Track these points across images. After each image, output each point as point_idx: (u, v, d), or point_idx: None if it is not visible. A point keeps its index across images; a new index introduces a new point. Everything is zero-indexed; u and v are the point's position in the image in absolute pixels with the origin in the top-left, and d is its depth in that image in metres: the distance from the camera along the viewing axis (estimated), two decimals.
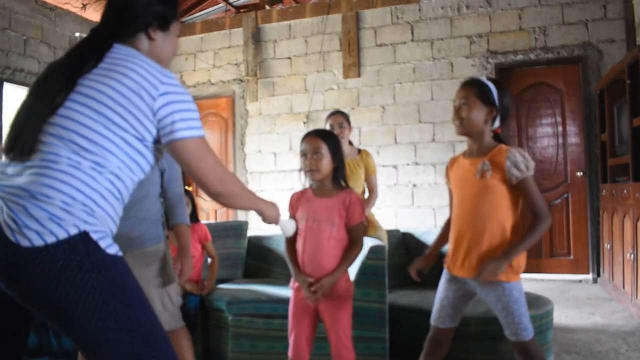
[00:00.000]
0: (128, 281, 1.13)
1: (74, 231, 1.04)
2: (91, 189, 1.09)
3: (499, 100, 1.79)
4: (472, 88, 1.80)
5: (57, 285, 1.02)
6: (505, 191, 1.74)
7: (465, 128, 1.81)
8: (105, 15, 1.29)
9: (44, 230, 1.02)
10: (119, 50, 1.20)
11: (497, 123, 1.82)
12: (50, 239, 1.02)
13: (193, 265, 2.80)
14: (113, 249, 1.10)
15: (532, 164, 1.71)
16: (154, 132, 1.18)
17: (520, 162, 1.69)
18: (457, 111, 1.81)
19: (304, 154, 1.91)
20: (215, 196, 1.28)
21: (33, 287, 1.02)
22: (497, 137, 1.85)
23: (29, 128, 1.11)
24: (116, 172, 1.14)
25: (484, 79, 1.84)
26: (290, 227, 1.85)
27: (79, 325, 1.05)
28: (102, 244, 1.08)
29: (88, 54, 1.18)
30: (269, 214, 1.56)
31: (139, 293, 1.14)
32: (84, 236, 1.06)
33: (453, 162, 1.95)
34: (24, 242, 1.00)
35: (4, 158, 1.15)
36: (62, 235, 1.03)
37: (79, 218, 1.06)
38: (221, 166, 1.28)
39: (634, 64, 3.50)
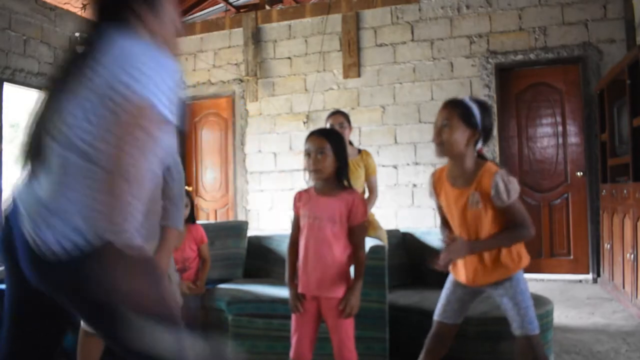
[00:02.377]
0: (155, 279, 1.14)
1: (96, 241, 1.04)
2: (106, 194, 1.07)
3: (481, 122, 1.77)
4: (455, 109, 1.78)
5: (89, 293, 1.03)
6: (498, 210, 1.74)
7: (446, 151, 1.79)
8: (95, 6, 1.25)
9: (65, 241, 1.02)
10: (110, 40, 1.13)
11: (479, 144, 1.81)
12: (73, 251, 1.02)
13: (189, 265, 2.81)
14: (137, 251, 1.09)
15: (514, 189, 1.69)
16: (157, 121, 1.11)
17: (502, 192, 1.68)
18: (439, 133, 1.79)
19: (307, 154, 1.91)
20: None
21: (68, 297, 1.06)
22: (481, 156, 1.83)
23: (37, 134, 1.12)
24: (125, 172, 1.10)
25: (467, 99, 1.81)
26: None
27: (114, 326, 1.06)
28: (126, 248, 1.07)
29: (84, 53, 1.17)
30: None
31: (165, 290, 1.16)
32: (107, 245, 1.04)
33: (438, 179, 1.92)
34: (49, 255, 1.02)
35: (23, 166, 1.17)
36: (84, 245, 1.03)
37: (99, 226, 1.05)
38: None
39: (634, 64, 3.50)
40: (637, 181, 3.43)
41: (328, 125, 3.20)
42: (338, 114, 3.24)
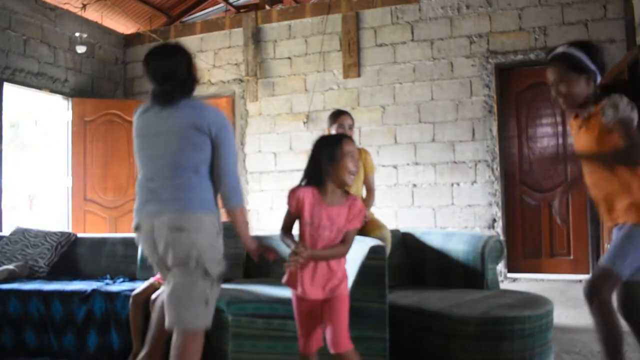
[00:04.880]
0: None
1: None
2: None
3: (592, 62, 1.92)
4: (562, 64, 1.94)
5: None
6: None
7: (571, 104, 1.94)
8: None
9: None
10: None
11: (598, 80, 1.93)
12: None
13: None
14: None
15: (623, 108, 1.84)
16: None
17: (607, 109, 1.84)
18: (556, 88, 1.94)
19: (350, 156, 1.88)
20: None
21: None
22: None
23: None
24: None
25: (570, 50, 1.97)
26: None
27: None
28: None
29: None
30: None
31: None
32: None
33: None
34: None
35: None
36: None
37: None
38: None
39: (634, 64, 3.50)
40: None
41: (335, 125, 3.11)
42: (347, 115, 3.15)
